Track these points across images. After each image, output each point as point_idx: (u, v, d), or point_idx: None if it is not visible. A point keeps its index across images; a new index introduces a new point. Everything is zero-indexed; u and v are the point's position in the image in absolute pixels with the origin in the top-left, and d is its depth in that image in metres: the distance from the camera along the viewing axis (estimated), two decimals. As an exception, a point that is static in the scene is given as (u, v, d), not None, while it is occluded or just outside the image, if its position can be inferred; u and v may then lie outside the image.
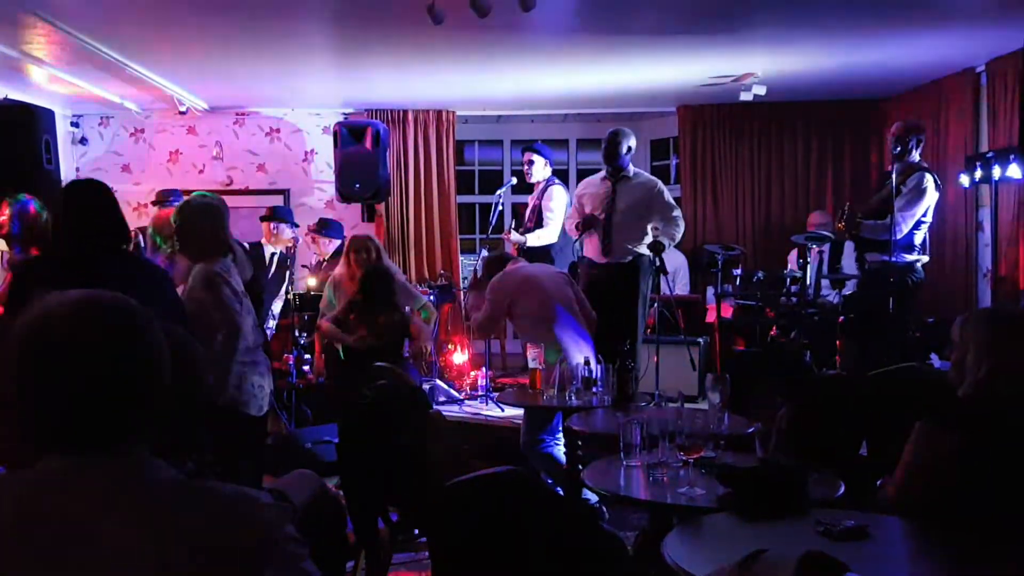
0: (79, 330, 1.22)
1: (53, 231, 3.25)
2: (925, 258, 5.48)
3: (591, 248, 5.71)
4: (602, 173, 5.65)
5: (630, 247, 5.46)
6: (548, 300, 4.79)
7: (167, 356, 1.31)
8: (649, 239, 5.32)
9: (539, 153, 6.71)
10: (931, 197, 5.31)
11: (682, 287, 7.40)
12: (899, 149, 5.38)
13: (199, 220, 3.70)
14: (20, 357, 1.22)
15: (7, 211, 4.05)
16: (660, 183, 5.69)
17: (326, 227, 6.77)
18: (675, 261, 7.18)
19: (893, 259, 5.20)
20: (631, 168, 5.60)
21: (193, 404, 1.70)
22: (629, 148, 5.53)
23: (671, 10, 5.03)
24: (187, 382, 1.64)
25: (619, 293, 5.42)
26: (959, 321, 2.41)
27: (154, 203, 6.74)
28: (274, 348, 6.12)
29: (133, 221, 7.18)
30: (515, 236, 6.69)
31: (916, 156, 5.41)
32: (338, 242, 6.69)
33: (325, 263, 6.63)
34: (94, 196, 3.19)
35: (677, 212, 5.55)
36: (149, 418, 1.27)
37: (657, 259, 5.24)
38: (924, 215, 5.33)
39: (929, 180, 5.30)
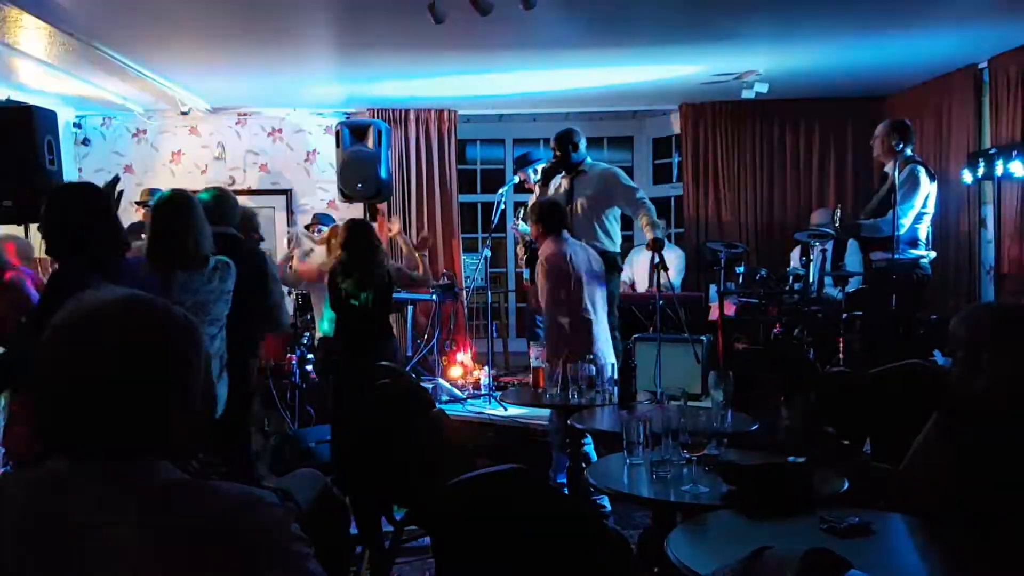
0: (105, 335, 1.21)
1: (67, 234, 3.10)
2: (932, 254, 5.45)
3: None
4: (562, 172, 5.66)
5: (593, 243, 5.38)
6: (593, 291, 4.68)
7: (200, 372, 1.29)
8: (618, 236, 5.31)
9: (529, 167, 6.62)
10: (926, 186, 5.28)
11: (641, 283, 7.40)
12: (891, 147, 5.33)
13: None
14: (43, 354, 1.22)
15: None
16: (616, 168, 5.67)
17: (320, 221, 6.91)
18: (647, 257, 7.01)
19: (898, 256, 5.19)
20: (587, 161, 5.60)
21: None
22: (575, 145, 5.53)
23: (673, 8, 5.02)
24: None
25: None
26: (959, 318, 2.39)
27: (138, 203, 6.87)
28: (275, 347, 6.13)
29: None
30: (523, 226, 6.66)
31: (908, 151, 5.39)
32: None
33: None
34: (103, 200, 3.18)
35: (641, 193, 5.51)
36: (169, 432, 1.25)
37: (657, 256, 5.21)
38: (924, 206, 5.31)
39: (921, 170, 5.28)
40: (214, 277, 3.59)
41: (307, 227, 6.94)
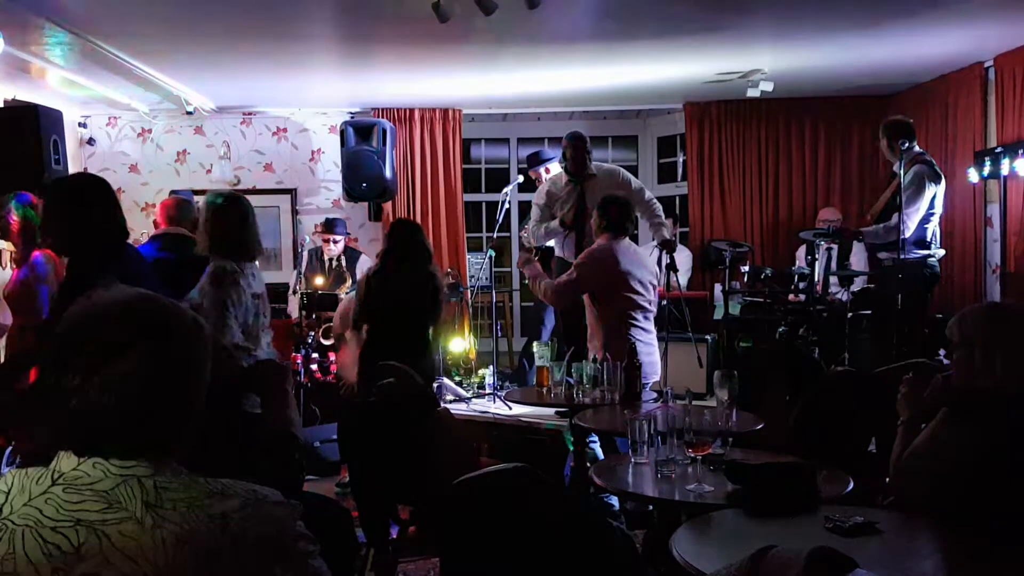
0: (115, 334, 1.21)
1: (70, 226, 3.06)
2: (940, 252, 5.42)
3: (563, 248, 5.70)
4: (565, 176, 5.66)
5: None
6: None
7: (207, 371, 1.29)
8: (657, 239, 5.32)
9: (540, 165, 6.62)
10: (931, 189, 5.24)
11: None
12: (896, 147, 5.29)
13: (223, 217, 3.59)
14: (52, 353, 1.22)
15: (16, 213, 4.06)
16: (622, 169, 5.73)
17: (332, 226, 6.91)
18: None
19: (906, 255, 5.17)
20: (591, 165, 5.64)
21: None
22: (590, 151, 5.60)
23: (677, 6, 5.01)
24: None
25: None
26: (955, 319, 2.40)
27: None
28: (278, 347, 6.13)
29: (141, 221, 7.25)
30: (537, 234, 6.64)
31: (916, 148, 5.36)
32: (341, 238, 6.91)
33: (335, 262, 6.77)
34: (107, 193, 3.18)
35: (649, 193, 5.56)
36: (176, 430, 1.26)
37: (669, 256, 5.20)
38: (931, 207, 5.28)
39: (925, 170, 5.26)
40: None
41: (319, 231, 6.98)
